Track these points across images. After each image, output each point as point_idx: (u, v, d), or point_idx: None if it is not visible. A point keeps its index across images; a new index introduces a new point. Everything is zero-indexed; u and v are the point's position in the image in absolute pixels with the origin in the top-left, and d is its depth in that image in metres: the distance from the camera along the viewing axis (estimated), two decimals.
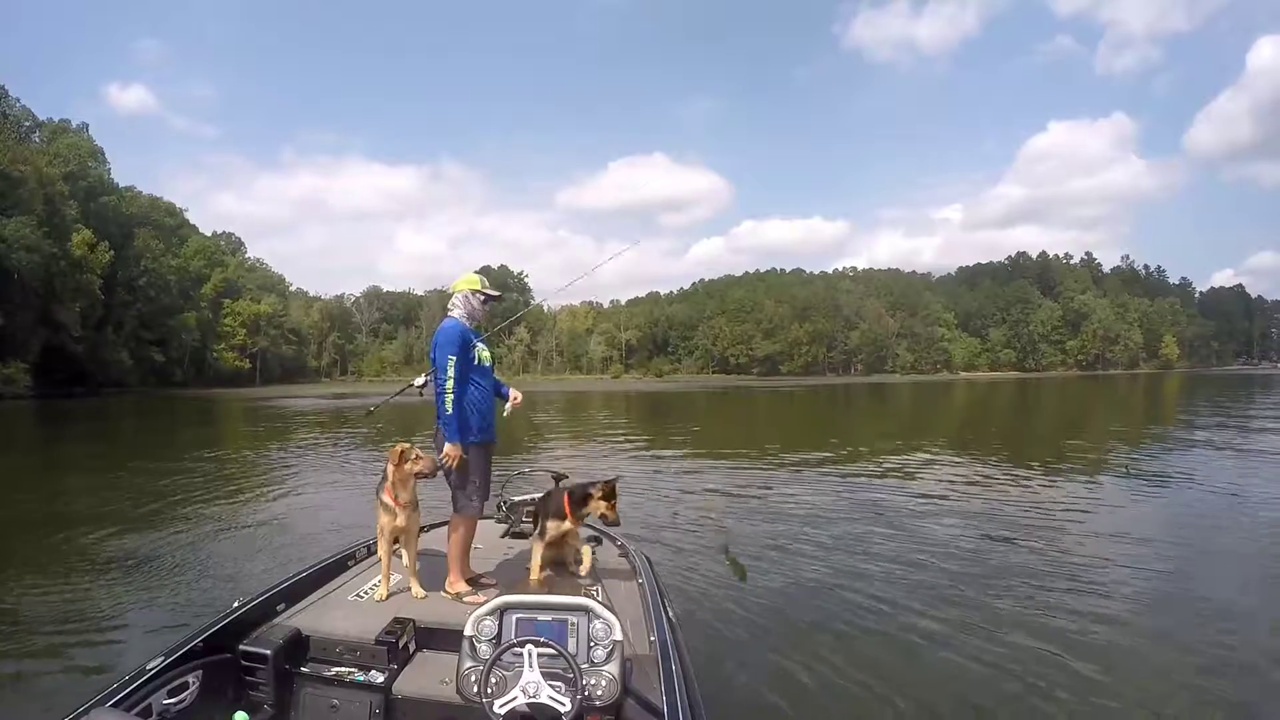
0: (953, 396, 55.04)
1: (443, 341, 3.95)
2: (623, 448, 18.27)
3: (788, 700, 4.17)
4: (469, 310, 4.16)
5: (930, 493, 11.03)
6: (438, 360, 3.95)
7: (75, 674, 4.60)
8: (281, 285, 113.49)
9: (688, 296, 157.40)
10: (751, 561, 7.05)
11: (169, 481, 12.50)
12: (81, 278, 61.36)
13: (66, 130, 72.03)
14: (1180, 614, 5.63)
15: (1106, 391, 56.03)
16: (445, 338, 3.96)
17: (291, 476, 13.50)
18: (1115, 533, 8.24)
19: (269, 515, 9.71)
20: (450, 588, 3.94)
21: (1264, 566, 6.94)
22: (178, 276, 79.53)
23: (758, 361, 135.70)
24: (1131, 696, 4.26)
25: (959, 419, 32.41)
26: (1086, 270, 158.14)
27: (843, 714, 4.09)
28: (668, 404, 46.00)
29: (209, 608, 5.28)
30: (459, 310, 4.12)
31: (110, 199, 71.73)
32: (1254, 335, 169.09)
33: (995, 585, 6.26)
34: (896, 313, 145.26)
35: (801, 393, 64.86)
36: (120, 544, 7.94)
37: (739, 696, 4.18)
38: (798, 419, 33.38)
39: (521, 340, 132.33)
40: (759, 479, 12.57)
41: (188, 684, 2.81)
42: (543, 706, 2.45)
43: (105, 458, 17.61)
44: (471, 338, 4.09)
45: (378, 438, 19.75)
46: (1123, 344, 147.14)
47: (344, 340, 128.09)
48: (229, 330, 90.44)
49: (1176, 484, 11.58)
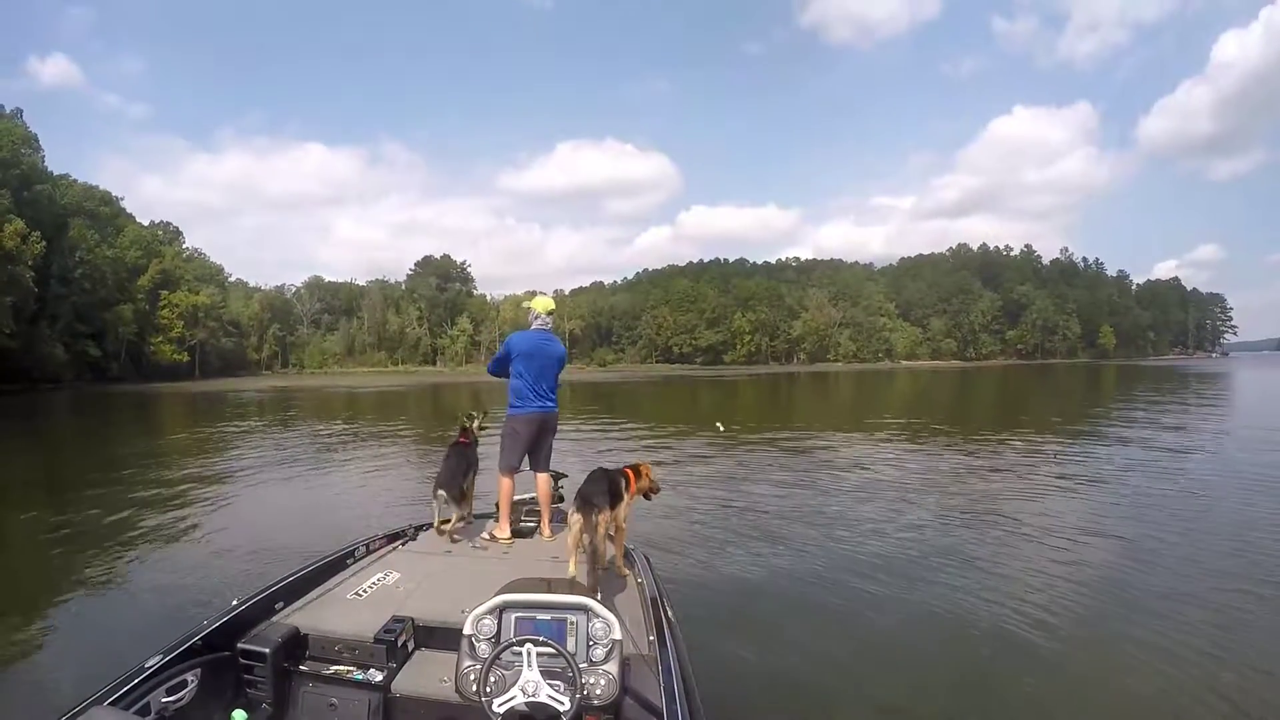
0: (895, 384, 57.21)
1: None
2: (581, 438, 18.24)
3: (787, 699, 4.26)
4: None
5: (909, 481, 11.60)
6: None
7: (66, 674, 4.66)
8: (220, 276, 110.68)
9: (631, 286, 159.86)
10: (752, 557, 7.25)
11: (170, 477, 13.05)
12: (14, 270, 59.65)
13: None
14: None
15: (1037, 382, 57.69)
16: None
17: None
18: (1044, 514, 8.92)
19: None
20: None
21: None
22: (113, 268, 77.84)
23: (701, 351, 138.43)
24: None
25: (903, 404, 34.53)
26: (1026, 261, 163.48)
27: (843, 712, 4.21)
28: (621, 394, 47.20)
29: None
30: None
31: (44, 187, 69.85)
32: (1189, 326, 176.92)
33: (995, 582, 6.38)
34: (839, 302, 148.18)
35: (744, 381, 67.15)
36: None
37: (738, 695, 4.20)
38: (742, 406, 34.79)
39: (464, 331, 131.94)
40: (726, 468, 13.14)
41: (186, 682, 2.84)
42: (542, 705, 2.48)
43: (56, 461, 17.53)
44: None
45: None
46: (1061, 334, 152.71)
47: (285, 332, 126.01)
48: (166, 323, 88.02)
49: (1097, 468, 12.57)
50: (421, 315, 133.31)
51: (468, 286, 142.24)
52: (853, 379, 68.48)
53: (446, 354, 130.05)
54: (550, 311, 5.48)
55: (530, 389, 5.29)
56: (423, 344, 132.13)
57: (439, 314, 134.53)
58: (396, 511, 9.09)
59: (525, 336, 5.33)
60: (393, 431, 21.81)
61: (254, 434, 21.62)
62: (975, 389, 49.09)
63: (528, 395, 5.29)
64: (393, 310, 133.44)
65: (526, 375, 5.27)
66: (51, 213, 69.34)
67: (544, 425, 5.41)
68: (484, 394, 40.33)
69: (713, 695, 3.22)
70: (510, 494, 5.16)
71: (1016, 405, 32.53)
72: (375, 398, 45.10)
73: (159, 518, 9.43)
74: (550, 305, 5.54)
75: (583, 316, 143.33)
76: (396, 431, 21.90)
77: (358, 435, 20.55)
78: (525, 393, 5.29)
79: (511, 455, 5.29)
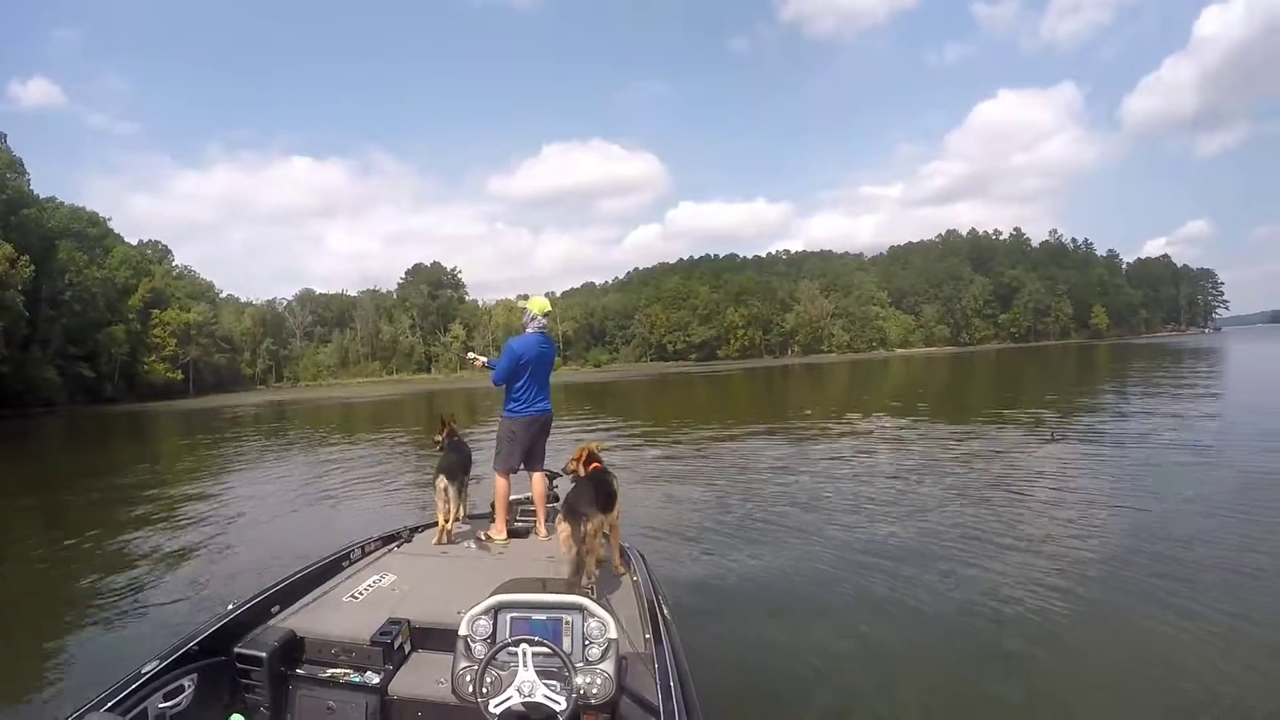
0: (889, 373, 57.34)
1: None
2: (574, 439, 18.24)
3: (786, 698, 4.24)
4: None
5: (905, 466, 11.65)
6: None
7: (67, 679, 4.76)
8: (211, 292, 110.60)
9: (623, 286, 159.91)
10: (751, 554, 7.15)
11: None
12: (3, 294, 59.58)
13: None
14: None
15: (1031, 363, 57.92)
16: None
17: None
18: (1049, 493, 9.07)
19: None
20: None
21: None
22: (103, 289, 77.55)
23: (694, 347, 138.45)
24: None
25: (897, 391, 34.60)
26: (1016, 245, 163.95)
27: (842, 710, 4.15)
28: (616, 394, 47.18)
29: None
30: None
31: (30, 211, 69.71)
32: (1181, 303, 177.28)
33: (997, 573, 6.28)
34: (831, 294, 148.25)
35: (739, 375, 67.26)
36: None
37: (734, 693, 4.18)
38: (743, 401, 34.81)
39: (457, 337, 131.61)
40: (728, 462, 13.16)
41: (183, 687, 2.84)
42: (538, 705, 2.48)
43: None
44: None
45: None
46: (1054, 316, 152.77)
47: (278, 346, 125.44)
48: (159, 341, 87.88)
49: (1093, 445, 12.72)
50: (414, 323, 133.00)
51: (459, 293, 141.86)
52: (846, 369, 68.57)
53: (440, 361, 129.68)
54: (546, 313, 5.48)
55: (531, 391, 5.34)
56: (416, 352, 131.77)
57: (431, 321, 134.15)
58: (391, 514, 9.16)
59: (526, 341, 5.31)
60: (387, 441, 21.80)
61: (249, 449, 21.66)
62: (969, 373, 49.30)
63: (528, 398, 5.33)
64: (385, 319, 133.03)
65: (527, 378, 5.31)
66: (39, 236, 69.10)
67: (543, 427, 5.50)
68: (479, 398, 40.44)
69: (710, 692, 3.21)
70: (506, 495, 5.20)
71: (1011, 387, 32.66)
72: (370, 408, 45.04)
73: (157, 536, 9.44)
74: (546, 306, 5.52)
75: (575, 318, 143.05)
76: (392, 441, 21.89)
77: (353, 446, 20.59)
78: (525, 395, 5.33)
79: (510, 457, 5.32)
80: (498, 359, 5.43)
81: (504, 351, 5.34)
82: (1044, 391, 26.59)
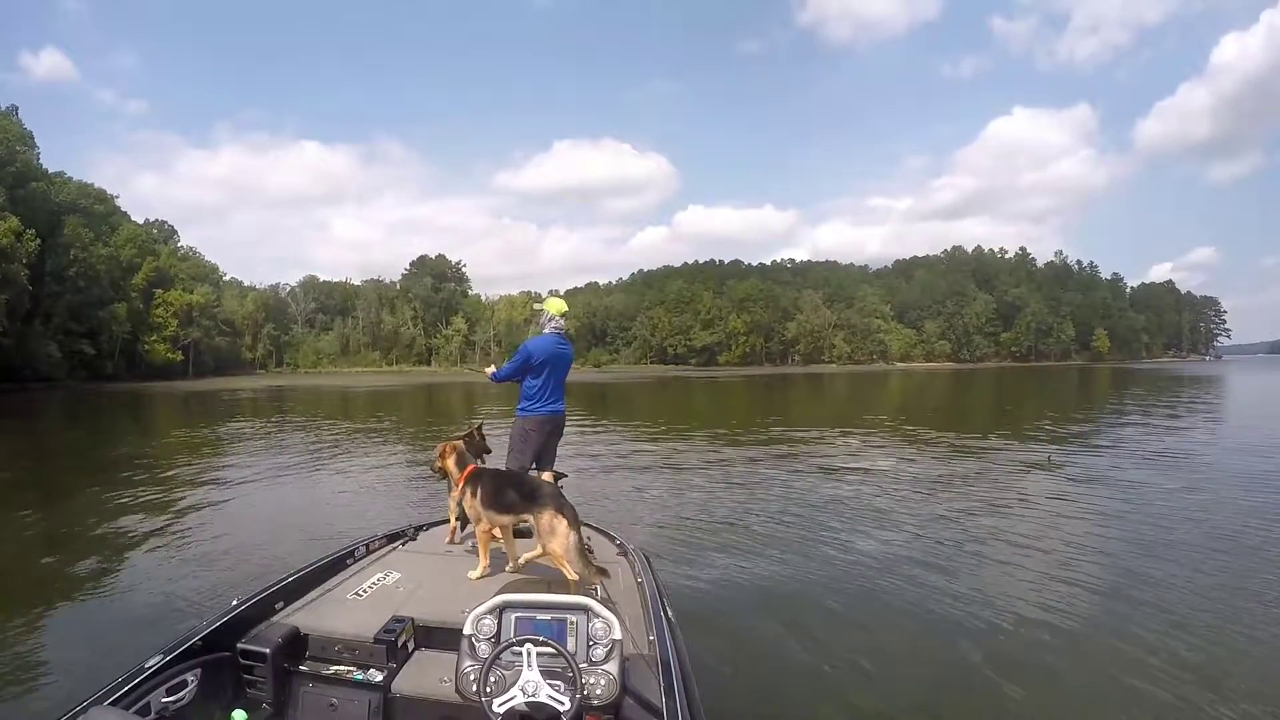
0: (889, 386, 57.26)
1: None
2: (584, 440, 17.79)
3: (786, 698, 4.25)
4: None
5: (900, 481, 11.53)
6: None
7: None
8: (215, 275, 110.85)
9: (626, 287, 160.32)
10: (752, 551, 7.27)
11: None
12: (8, 268, 59.20)
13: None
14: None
15: (1030, 384, 56.68)
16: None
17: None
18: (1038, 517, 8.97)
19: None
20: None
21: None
22: (108, 266, 77.51)
23: (695, 352, 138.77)
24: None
25: (897, 406, 34.29)
26: (1021, 264, 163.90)
27: (842, 711, 4.16)
28: (616, 395, 47.15)
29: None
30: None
31: (39, 185, 69.51)
32: (1183, 329, 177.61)
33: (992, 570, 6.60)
34: (834, 304, 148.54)
35: (738, 382, 67.18)
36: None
37: (738, 696, 4.20)
38: (742, 408, 34.58)
39: (459, 331, 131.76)
40: (733, 469, 13.08)
41: (186, 682, 2.84)
42: (542, 705, 2.48)
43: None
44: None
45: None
46: (1055, 336, 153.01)
47: (279, 331, 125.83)
48: (160, 321, 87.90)
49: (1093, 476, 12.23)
50: (416, 315, 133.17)
51: (462, 286, 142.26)
52: (846, 380, 68.60)
53: (441, 354, 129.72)
54: (564, 314, 5.55)
55: (546, 392, 5.39)
56: (417, 344, 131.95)
57: (433, 314, 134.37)
58: (395, 512, 9.15)
59: (543, 343, 5.37)
60: (387, 430, 21.83)
61: (247, 433, 21.57)
62: (969, 391, 49.18)
63: (543, 398, 5.38)
64: (387, 310, 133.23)
65: (544, 378, 5.36)
66: (46, 210, 68.97)
67: (556, 427, 5.54)
68: (478, 393, 40.48)
69: (713, 694, 3.18)
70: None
71: (1011, 407, 32.58)
72: (368, 397, 45.01)
73: (154, 519, 9.35)
74: (564, 308, 5.59)
75: (578, 317, 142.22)
76: (392, 430, 21.92)
77: (352, 434, 20.59)
78: (541, 395, 5.37)
79: (523, 456, 5.34)
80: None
81: (518, 351, 5.41)
82: (1042, 412, 26.55)
